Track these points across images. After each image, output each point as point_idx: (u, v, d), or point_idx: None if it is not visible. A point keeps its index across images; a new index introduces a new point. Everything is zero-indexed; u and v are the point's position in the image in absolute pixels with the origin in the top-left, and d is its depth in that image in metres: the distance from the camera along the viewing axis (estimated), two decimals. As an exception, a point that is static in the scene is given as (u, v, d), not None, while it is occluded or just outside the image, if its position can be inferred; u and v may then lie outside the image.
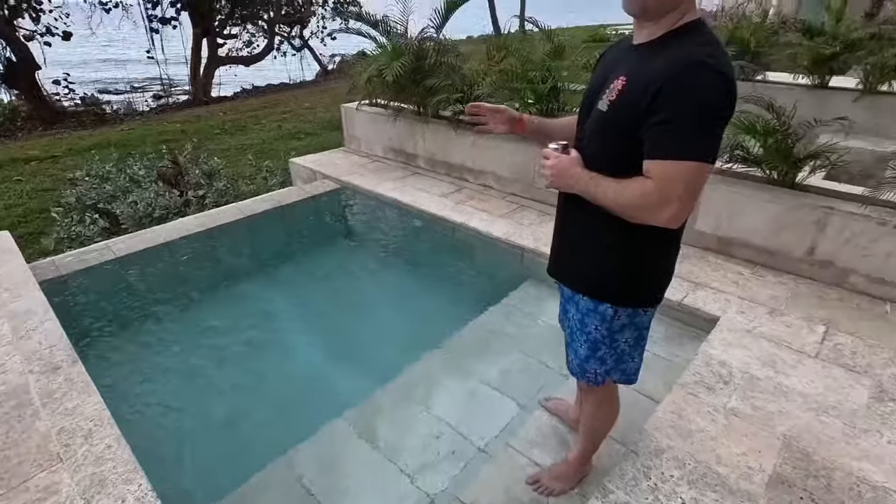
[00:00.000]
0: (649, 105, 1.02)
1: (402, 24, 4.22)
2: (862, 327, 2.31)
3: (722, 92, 1.00)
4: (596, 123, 1.19)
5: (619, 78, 1.12)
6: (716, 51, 1.03)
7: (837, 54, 5.38)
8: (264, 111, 10.22)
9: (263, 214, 3.78)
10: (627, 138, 1.09)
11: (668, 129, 1.01)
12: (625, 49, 1.20)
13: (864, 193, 2.57)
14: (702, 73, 0.99)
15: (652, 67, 1.05)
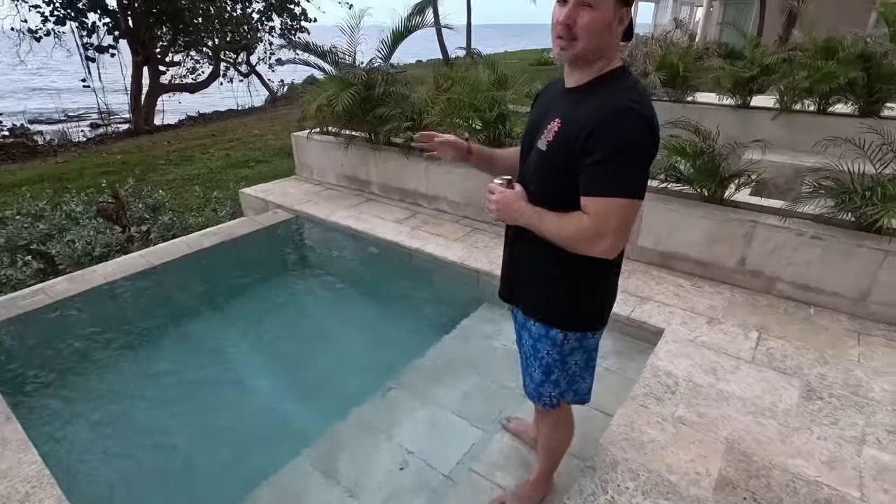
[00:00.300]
0: (583, 146, 1.12)
1: (350, 54, 4.29)
2: (790, 331, 2.50)
3: (646, 134, 1.11)
4: (537, 161, 1.27)
5: (555, 120, 1.21)
6: (639, 96, 1.14)
7: (755, 77, 5.88)
8: (211, 139, 9.98)
9: (213, 248, 3.68)
10: (565, 175, 1.18)
11: (602, 169, 1.11)
12: (558, 91, 1.29)
13: (783, 207, 2.81)
14: (628, 118, 1.09)
15: (583, 111, 1.14)
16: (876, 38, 5.50)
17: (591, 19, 1.10)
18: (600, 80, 1.18)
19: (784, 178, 5.34)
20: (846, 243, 2.54)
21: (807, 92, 5.56)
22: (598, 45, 1.14)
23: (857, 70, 5.15)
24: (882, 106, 5.37)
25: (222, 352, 3.03)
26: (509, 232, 1.44)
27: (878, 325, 2.52)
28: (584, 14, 1.10)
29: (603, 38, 1.13)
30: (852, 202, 2.50)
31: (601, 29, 1.12)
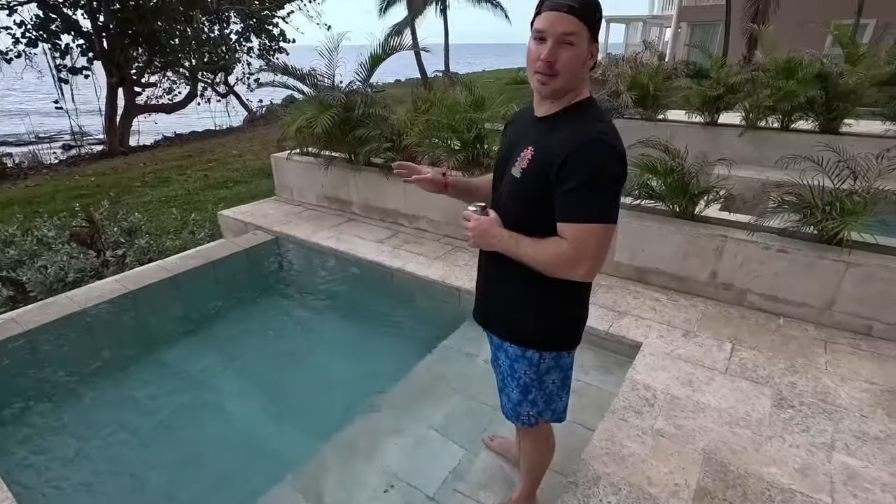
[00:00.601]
0: (557, 173, 1.17)
1: (329, 76, 4.34)
2: (761, 342, 2.59)
3: (616, 162, 1.17)
4: (511, 187, 1.32)
5: (528, 148, 1.26)
6: (608, 127, 1.20)
7: (721, 96, 6.13)
8: (189, 160, 9.88)
9: (191, 272, 3.64)
10: (539, 200, 1.23)
11: (577, 197, 1.16)
12: (528, 120, 1.34)
13: (750, 222, 2.92)
14: (599, 147, 1.15)
15: (556, 140, 1.20)
16: (832, 59, 5.80)
17: (571, 56, 1.16)
18: (570, 111, 1.24)
19: (752, 192, 5.55)
20: (810, 256, 2.65)
21: (770, 109, 5.82)
22: (574, 80, 1.21)
23: (816, 89, 5.42)
24: (840, 122, 5.65)
25: (202, 377, 2.98)
26: (482, 257, 1.48)
27: (842, 334, 2.63)
28: (565, 52, 1.16)
29: (579, 72, 1.20)
30: (814, 216, 2.63)
31: (579, 64, 1.18)
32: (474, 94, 3.92)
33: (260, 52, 16.42)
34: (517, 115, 1.49)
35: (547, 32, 1.16)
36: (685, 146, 3.19)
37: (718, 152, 6.20)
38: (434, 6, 21.39)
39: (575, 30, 1.14)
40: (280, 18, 16.46)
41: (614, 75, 6.70)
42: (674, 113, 6.80)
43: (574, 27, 1.14)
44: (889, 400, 2.16)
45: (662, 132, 6.29)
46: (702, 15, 19.55)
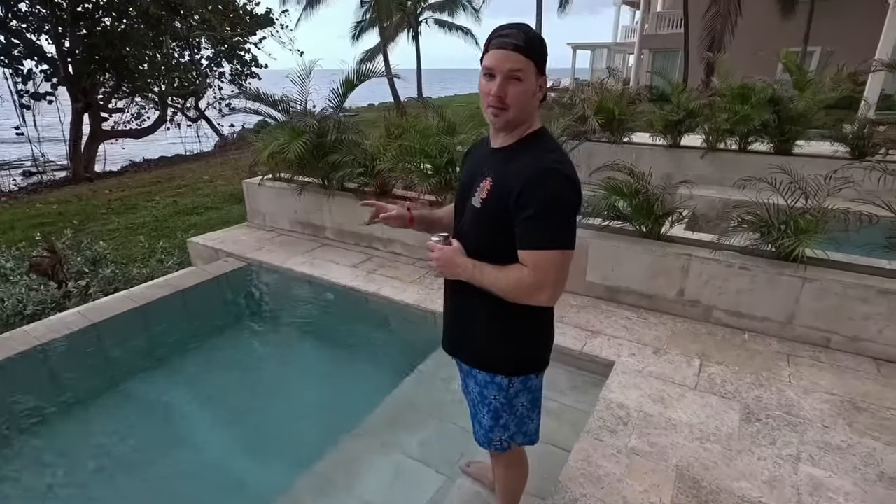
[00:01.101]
0: (515, 203, 1.22)
1: (302, 102, 4.37)
2: (728, 357, 2.67)
3: (570, 190, 1.22)
4: (472, 217, 1.36)
5: (487, 179, 1.31)
6: (560, 156, 1.26)
7: (682, 120, 6.41)
8: (158, 186, 9.69)
9: (159, 301, 3.54)
10: (500, 229, 1.27)
11: (536, 225, 1.21)
12: (486, 151, 1.40)
13: (713, 241, 3.04)
14: (553, 177, 1.21)
15: (512, 171, 1.25)
16: (782, 85, 6.16)
17: (520, 91, 1.22)
18: (524, 141, 1.30)
19: (714, 211, 5.77)
20: (770, 272, 2.77)
21: (728, 132, 6.12)
22: (525, 112, 1.27)
23: (769, 113, 5.73)
24: (793, 144, 5.97)
25: (171, 410, 2.88)
26: (447, 286, 1.51)
27: (804, 347, 2.74)
28: (513, 87, 1.22)
29: (529, 105, 1.26)
30: (771, 235, 2.75)
31: (528, 98, 1.24)
32: (446, 120, 4.00)
33: (232, 77, 16.38)
34: (475, 146, 1.55)
35: (495, 69, 1.22)
36: (650, 168, 3.32)
37: (682, 173, 6.44)
38: (406, 33, 21.84)
39: (521, 66, 1.20)
40: (252, 44, 16.53)
41: (581, 100, 6.93)
42: (638, 136, 7.06)
43: (520, 64, 1.20)
44: (848, 410, 2.25)
45: (628, 154, 6.52)
46: (662, 43, 20.53)
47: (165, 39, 13.22)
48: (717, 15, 13.44)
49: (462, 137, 3.92)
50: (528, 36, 1.21)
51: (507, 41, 1.20)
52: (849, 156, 5.77)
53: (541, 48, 1.23)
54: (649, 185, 3.09)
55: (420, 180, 3.70)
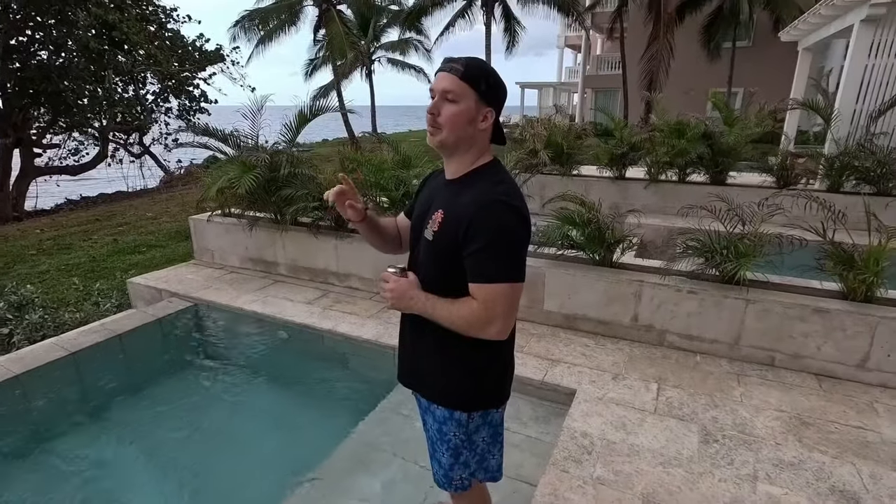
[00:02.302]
0: (464, 236, 1.21)
1: (253, 137, 4.29)
2: (683, 379, 2.74)
3: (519, 223, 1.21)
4: (425, 249, 1.35)
5: (438, 211, 1.31)
6: (508, 189, 1.25)
7: (626, 153, 6.77)
8: (96, 224, 9.15)
9: (93, 348, 3.27)
10: (451, 262, 1.26)
11: (484, 258, 1.19)
12: (441, 182, 1.40)
13: (662, 267, 3.17)
14: (501, 209, 1.20)
15: (461, 203, 1.25)
16: (713, 121, 6.65)
17: (453, 112, 1.23)
18: (474, 174, 1.31)
19: (661, 237, 6.04)
20: (716, 295, 2.90)
21: (668, 165, 6.51)
22: (461, 136, 1.25)
23: (703, 147, 6.15)
24: (726, 175, 6.41)
25: (104, 467, 2.61)
26: (403, 320, 1.47)
27: (752, 366, 2.85)
28: (447, 107, 1.23)
29: (466, 130, 1.25)
30: (715, 259, 2.90)
31: (462, 121, 1.24)
32: (401, 154, 4.03)
33: (179, 112, 15.97)
34: (432, 176, 1.53)
35: (434, 89, 1.26)
36: (599, 198, 3.44)
37: (628, 203, 6.80)
38: (360, 71, 22.20)
39: (454, 88, 1.21)
40: (201, 80, 16.26)
41: (531, 135, 7.20)
42: (587, 168, 7.39)
43: (454, 86, 1.21)
44: (797, 426, 2.34)
45: (578, 186, 6.78)
46: (603, 83, 21.89)
47: (108, 74, 12.78)
48: (652, 58, 14.52)
49: (417, 171, 3.95)
50: (469, 63, 1.23)
51: (447, 65, 1.24)
52: (775, 185, 6.25)
53: (482, 77, 1.23)
54: (600, 214, 3.20)
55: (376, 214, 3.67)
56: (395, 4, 20.47)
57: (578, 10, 18.07)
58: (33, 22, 11.36)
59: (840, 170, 5.85)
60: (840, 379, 2.70)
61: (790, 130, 8.80)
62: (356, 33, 20.64)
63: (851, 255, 2.75)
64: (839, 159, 5.84)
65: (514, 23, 18.63)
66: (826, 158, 5.98)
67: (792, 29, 8.93)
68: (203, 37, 16.05)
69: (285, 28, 19.88)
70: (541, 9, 17.53)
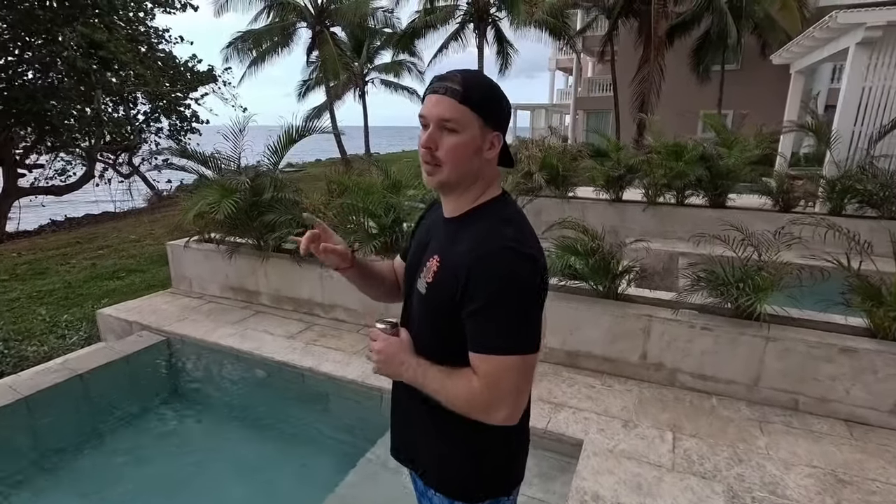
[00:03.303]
0: (463, 291, 0.97)
1: (234, 159, 4.06)
2: (700, 427, 2.48)
3: (532, 275, 0.97)
4: (418, 304, 1.10)
5: (434, 257, 1.06)
6: (518, 232, 1.01)
7: (623, 175, 6.61)
8: (76, 247, 8.82)
9: (50, 390, 2.96)
10: (450, 322, 1.01)
11: (487, 321, 0.95)
12: (439, 219, 1.14)
13: (673, 299, 2.94)
14: (510, 259, 0.95)
15: (460, 250, 1.00)
16: (711, 143, 6.53)
17: (454, 144, 0.99)
18: (477, 211, 1.06)
19: (661, 262, 5.84)
20: (731, 332, 2.67)
21: (666, 187, 6.35)
22: (466, 172, 1.02)
23: (702, 169, 6.01)
24: (726, 198, 6.26)
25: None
26: (396, 383, 1.21)
27: (774, 411, 2.60)
28: (447, 138, 0.99)
29: (471, 163, 1.02)
30: (730, 294, 2.67)
31: (468, 154, 1.00)
32: (391, 177, 3.81)
33: (170, 132, 15.79)
34: (432, 208, 1.27)
35: (427, 117, 1.01)
36: (602, 227, 3.24)
37: (626, 226, 6.61)
38: (353, 92, 22.24)
39: (454, 115, 0.98)
40: (193, 100, 16.13)
41: (526, 157, 7.05)
42: (583, 190, 7.22)
43: (454, 113, 0.98)
44: (833, 485, 2.08)
45: (575, 209, 6.60)
46: (594, 104, 22.06)
47: (97, 94, 12.59)
48: (643, 81, 14.61)
49: (411, 193, 3.73)
50: (466, 80, 0.98)
51: (441, 85, 0.99)
52: (775, 207, 6.11)
53: (485, 96, 1.00)
54: (604, 243, 2.98)
55: (363, 242, 3.43)
56: (388, 27, 20.60)
57: (569, 33, 18.28)
58: (21, 41, 11.20)
59: (842, 193, 5.71)
60: (872, 426, 2.46)
61: (785, 152, 8.74)
62: (350, 55, 20.73)
63: (879, 290, 2.54)
64: (840, 182, 5.71)
65: (507, 45, 18.79)
66: (827, 181, 5.85)
67: (784, 52, 8.95)
68: (196, 57, 15.97)
69: (278, 49, 19.93)
70: (532, 32, 17.70)
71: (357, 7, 18.59)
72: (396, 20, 20.18)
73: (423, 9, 18.05)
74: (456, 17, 18.17)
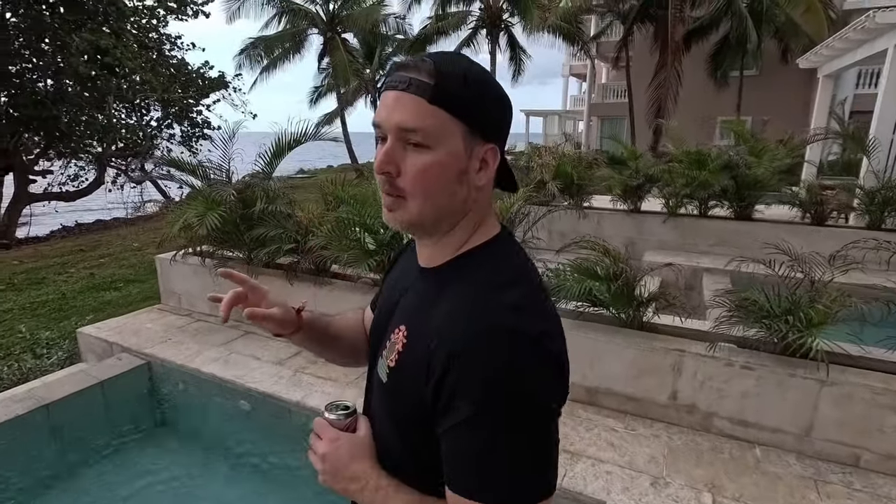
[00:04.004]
0: (435, 392, 0.63)
1: (223, 169, 3.79)
2: (744, 486, 2.10)
3: (544, 377, 0.63)
4: (379, 394, 0.77)
5: (399, 328, 0.72)
6: (524, 297, 0.67)
7: (642, 185, 6.24)
8: (78, 255, 8.67)
9: (11, 424, 2.68)
10: (419, 423, 0.68)
11: (470, 448, 0.62)
12: (413, 266, 0.81)
13: (705, 330, 2.57)
14: (507, 349, 0.61)
15: (433, 323, 0.67)
16: (736, 150, 6.12)
17: (426, 165, 0.66)
18: (463, 261, 0.73)
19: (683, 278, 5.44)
20: (778, 373, 2.29)
21: (688, 197, 5.97)
22: (445, 206, 0.69)
23: (727, 178, 5.62)
24: (753, 209, 5.85)
25: None
26: None
27: (830, 468, 2.22)
28: (413, 157, 0.66)
29: (453, 193, 0.69)
30: (779, 330, 2.30)
31: (447, 179, 0.67)
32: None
33: (182, 138, 15.77)
34: (407, 250, 0.92)
35: (382, 126, 0.67)
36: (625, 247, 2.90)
37: (645, 238, 6.23)
38: (364, 98, 22.12)
39: (422, 122, 0.64)
40: (204, 106, 16.12)
41: (538, 165, 6.71)
42: (598, 199, 6.86)
43: (421, 117, 0.64)
44: (917, 573, 1.70)
45: (590, 221, 6.24)
46: (608, 111, 21.68)
47: (109, 100, 12.57)
48: (659, 86, 14.20)
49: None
50: (440, 67, 0.64)
51: (401, 77, 0.66)
52: (807, 221, 5.69)
53: (472, 91, 0.66)
54: (628, 266, 2.62)
55: (358, 259, 3.12)
56: (400, 33, 20.47)
57: (584, 39, 17.94)
58: (32, 49, 11.20)
59: (882, 204, 5.28)
60: (953, 491, 2.07)
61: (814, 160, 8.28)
62: (361, 62, 20.62)
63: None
64: (881, 193, 5.28)
65: (520, 51, 18.52)
66: (865, 192, 5.41)
67: (812, 55, 8.51)
68: (208, 64, 15.97)
69: (290, 56, 19.93)
70: (546, 38, 17.40)
71: (368, 14, 18.52)
72: (408, 26, 20.09)
73: (435, 15, 17.88)
74: (468, 23, 17.97)
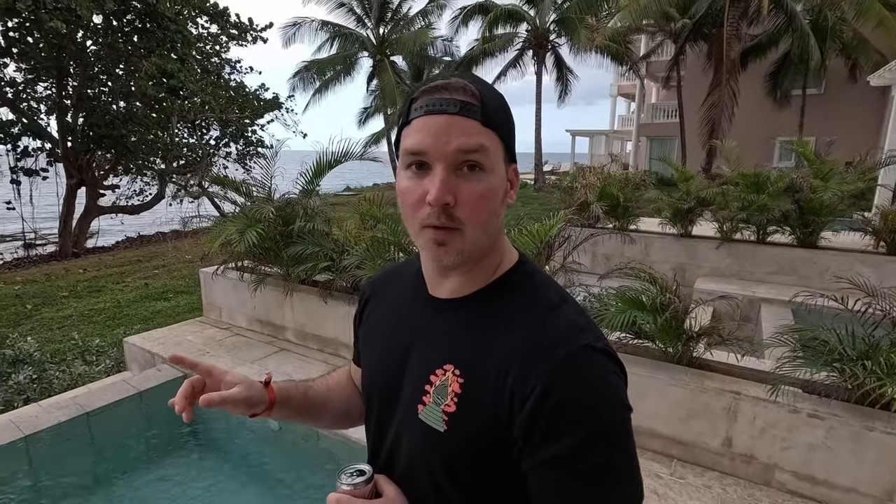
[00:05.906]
0: (528, 419, 0.58)
1: (265, 187, 3.87)
2: (812, 555, 1.85)
3: (625, 384, 0.65)
4: (424, 448, 0.67)
5: (443, 368, 0.65)
6: (579, 313, 0.66)
7: (693, 208, 5.92)
8: (135, 265, 9.18)
9: (53, 430, 2.76)
10: (490, 472, 0.62)
11: (584, 472, 0.58)
12: (413, 302, 0.74)
13: (765, 370, 2.32)
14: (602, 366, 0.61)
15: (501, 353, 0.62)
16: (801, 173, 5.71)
17: (485, 191, 0.63)
18: (502, 285, 0.69)
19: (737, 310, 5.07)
20: (853, 425, 2.02)
21: (744, 222, 5.60)
22: (493, 231, 0.67)
23: (789, 203, 5.23)
24: (818, 237, 5.41)
25: None
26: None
27: (919, 540, 1.92)
28: (472, 183, 0.62)
29: (499, 216, 0.67)
30: (853, 375, 2.03)
31: (497, 203, 0.66)
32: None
33: (238, 156, 16.58)
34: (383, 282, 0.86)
35: (429, 153, 0.61)
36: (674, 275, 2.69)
37: (696, 264, 5.88)
38: (410, 118, 22.56)
39: (481, 142, 0.61)
40: (259, 126, 16.92)
41: (582, 185, 6.52)
42: (645, 223, 6.57)
43: (479, 140, 0.61)
44: None
45: (637, 245, 5.97)
46: (658, 131, 21.06)
47: (173, 120, 13.44)
48: (713, 106, 13.65)
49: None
50: (481, 89, 0.62)
51: (446, 99, 0.60)
52: (881, 250, 5.20)
53: (504, 112, 0.65)
54: (677, 297, 2.42)
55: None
56: (447, 55, 20.84)
57: (633, 59, 17.61)
58: (108, 73, 12.17)
59: (974, 235, 4.75)
60: None
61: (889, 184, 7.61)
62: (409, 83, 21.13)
63: None
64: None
65: (567, 71, 18.38)
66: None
67: (886, 72, 7.92)
68: (264, 86, 16.81)
69: (341, 78, 20.68)
70: (593, 58, 17.19)
71: (417, 37, 18.98)
72: (455, 48, 20.43)
73: (482, 37, 18.08)
74: (515, 45, 18.06)
